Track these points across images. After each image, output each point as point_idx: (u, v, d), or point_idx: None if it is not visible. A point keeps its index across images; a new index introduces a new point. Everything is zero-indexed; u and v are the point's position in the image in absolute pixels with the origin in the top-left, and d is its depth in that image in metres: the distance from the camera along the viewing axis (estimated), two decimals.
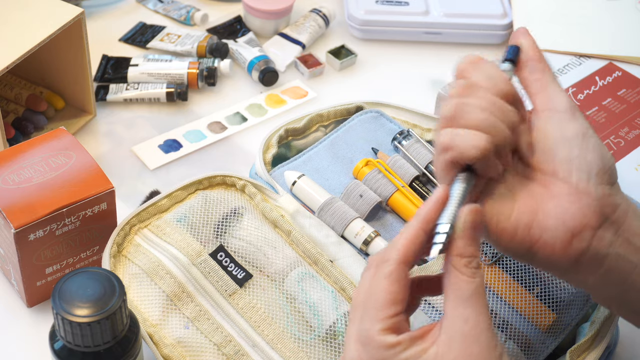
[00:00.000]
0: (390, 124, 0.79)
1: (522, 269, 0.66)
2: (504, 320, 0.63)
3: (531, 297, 0.64)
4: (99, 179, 0.67)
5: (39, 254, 0.66)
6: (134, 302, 0.64)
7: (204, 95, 0.95)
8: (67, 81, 0.88)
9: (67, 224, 0.66)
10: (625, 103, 0.97)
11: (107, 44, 1.00)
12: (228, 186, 0.73)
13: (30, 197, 0.65)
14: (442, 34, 1.05)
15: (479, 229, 0.49)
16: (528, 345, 0.62)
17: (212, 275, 0.65)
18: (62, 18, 0.79)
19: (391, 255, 0.49)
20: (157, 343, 0.62)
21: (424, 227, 0.50)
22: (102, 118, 0.91)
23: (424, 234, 0.50)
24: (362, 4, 1.04)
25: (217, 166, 0.86)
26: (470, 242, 0.49)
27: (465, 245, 0.48)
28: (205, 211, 0.69)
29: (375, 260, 0.50)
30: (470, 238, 0.49)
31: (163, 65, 0.94)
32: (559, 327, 0.64)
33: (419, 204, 0.71)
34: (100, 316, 0.53)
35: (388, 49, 1.04)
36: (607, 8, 1.09)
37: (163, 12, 1.06)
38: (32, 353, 0.68)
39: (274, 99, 0.95)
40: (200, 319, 0.63)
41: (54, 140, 0.70)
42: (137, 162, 0.86)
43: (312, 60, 0.99)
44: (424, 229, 0.50)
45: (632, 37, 1.06)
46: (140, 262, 0.66)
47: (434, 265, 0.65)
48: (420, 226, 0.50)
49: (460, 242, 0.49)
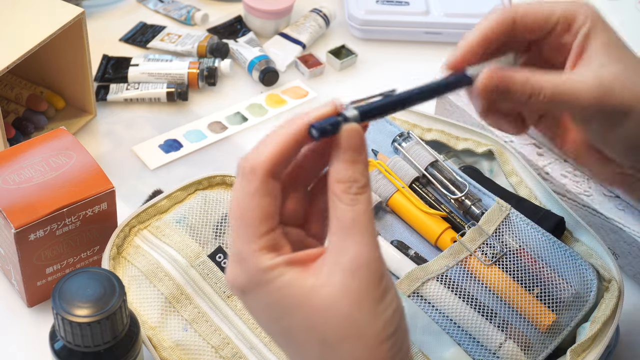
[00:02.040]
0: (390, 126, 0.79)
1: (521, 269, 0.66)
2: (503, 320, 0.63)
3: (531, 298, 0.64)
4: (99, 179, 0.67)
5: (39, 254, 0.66)
6: (133, 305, 0.64)
7: (205, 95, 0.95)
8: (67, 81, 0.88)
9: (68, 224, 0.66)
10: None
11: (108, 44, 1.00)
12: (228, 186, 0.73)
13: (31, 197, 0.65)
14: (443, 34, 1.05)
15: (358, 150, 0.44)
16: (528, 346, 0.62)
17: (211, 277, 0.65)
18: (62, 18, 0.79)
19: (258, 165, 0.43)
20: (155, 346, 0.62)
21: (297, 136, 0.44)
22: (102, 118, 0.91)
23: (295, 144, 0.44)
24: (363, 4, 1.04)
25: (218, 166, 0.86)
26: (348, 164, 0.43)
27: (344, 168, 0.43)
28: (204, 212, 0.69)
29: (242, 168, 0.44)
30: (349, 161, 0.43)
31: (163, 65, 0.94)
32: (559, 327, 0.64)
33: (419, 204, 0.71)
34: (100, 316, 0.53)
35: (388, 49, 1.04)
36: (607, 8, 1.09)
37: (163, 12, 1.06)
38: (32, 353, 0.68)
39: (275, 99, 0.95)
40: (198, 321, 0.63)
41: (55, 140, 0.70)
42: (137, 162, 0.86)
43: (313, 60, 0.99)
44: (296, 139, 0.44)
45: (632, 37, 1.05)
46: (140, 264, 0.66)
47: (434, 265, 0.66)
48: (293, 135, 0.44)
49: (337, 165, 0.44)
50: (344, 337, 0.42)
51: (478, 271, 0.65)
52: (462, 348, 0.62)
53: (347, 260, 0.42)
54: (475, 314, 0.63)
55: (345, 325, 0.42)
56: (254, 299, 0.44)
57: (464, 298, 0.64)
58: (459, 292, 0.64)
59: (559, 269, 0.66)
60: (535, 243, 0.67)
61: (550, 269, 0.66)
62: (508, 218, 0.69)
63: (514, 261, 0.66)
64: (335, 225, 0.43)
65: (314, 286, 0.42)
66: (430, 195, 0.72)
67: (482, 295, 0.64)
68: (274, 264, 0.43)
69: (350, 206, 0.43)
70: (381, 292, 0.42)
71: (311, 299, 0.42)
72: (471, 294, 0.64)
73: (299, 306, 0.42)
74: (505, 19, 0.51)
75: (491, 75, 0.50)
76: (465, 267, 0.66)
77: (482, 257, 0.66)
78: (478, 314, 0.63)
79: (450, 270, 0.65)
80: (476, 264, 0.66)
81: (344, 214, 0.43)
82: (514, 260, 0.66)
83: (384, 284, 0.42)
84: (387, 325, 0.42)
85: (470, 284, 0.65)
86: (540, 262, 0.66)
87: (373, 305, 0.42)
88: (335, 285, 0.42)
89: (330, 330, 0.42)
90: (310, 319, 0.42)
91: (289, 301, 0.43)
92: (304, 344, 0.43)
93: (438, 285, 0.64)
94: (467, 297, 0.64)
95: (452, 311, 0.63)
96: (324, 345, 0.42)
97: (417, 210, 0.71)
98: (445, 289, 0.64)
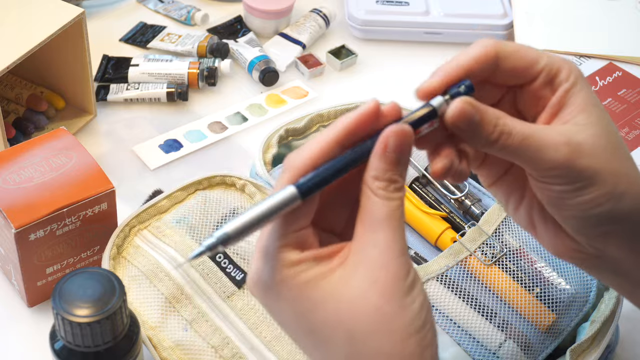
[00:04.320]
0: None
1: (521, 269, 0.66)
2: (503, 320, 0.63)
3: (531, 298, 0.64)
4: (99, 179, 0.67)
5: (39, 254, 0.66)
6: (133, 305, 0.64)
7: (205, 95, 0.95)
8: (67, 81, 0.88)
9: (68, 224, 0.66)
10: (626, 103, 0.97)
11: (108, 44, 1.00)
12: (228, 186, 0.73)
13: (31, 197, 0.65)
14: (443, 34, 1.05)
15: (404, 153, 0.43)
16: (528, 346, 0.63)
17: (211, 277, 0.65)
18: (62, 18, 0.79)
19: (294, 164, 0.43)
20: (155, 346, 0.62)
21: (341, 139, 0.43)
22: (102, 118, 0.91)
23: (338, 148, 0.43)
24: (363, 4, 1.04)
25: (218, 166, 0.86)
26: (390, 166, 0.43)
27: (385, 169, 0.43)
28: (204, 212, 0.69)
29: (284, 165, 0.44)
30: (392, 162, 0.43)
31: (163, 65, 0.94)
32: (559, 327, 0.64)
33: (419, 204, 0.71)
34: (100, 316, 0.53)
35: (388, 49, 1.04)
36: (607, 8, 1.09)
37: (163, 12, 1.06)
38: (32, 353, 0.68)
39: (275, 99, 0.95)
40: (198, 321, 0.63)
41: (55, 140, 0.70)
42: (137, 162, 0.86)
43: (313, 60, 0.99)
44: (339, 141, 0.43)
45: (633, 37, 1.05)
46: (140, 264, 0.66)
47: (434, 265, 0.66)
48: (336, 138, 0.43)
49: (378, 163, 0.43)
50: (372, 331, 0.41)
51: (478, 271, 0.65)
52: (462, 348, 0.62)
53: (378, 253, 0.42)
54: (475, 313, 0.63)
55: (374, 319, 0.41)
56: (278, 296, 0.43)
57: (463, 298, 0.64)
58: (459, 292, 0.64)
59: (559, 269, 0.66)
60: (535, 243, 0.67)
61: (550, 269, 0.66)
62: (508, 218, 0.69)
63: (514, 261, 0.66)
64: (367, 218, 0.43)
65: (341, 278, 0.42)
66: (430, 195, 0.72)
67: (482, 295, 0.64)
68: (299, 259, 0.42)
69: (387, 200, 0.42)
70: (409, 284, 0.42)
71: (339, 291, 0.42)
72: (471, 293, 0.64)
73: (326, 300, 0.42)
74: (488, 55, 0.46)
75: (470, 102, 0.44)
76: (465, 267, 0.66)
77: (482, 257, 0.66)
78: (478, 313, 0.63)
79: (450, 270, 0.65)
80: (476, 264, 0.66)
81: (379, 208, 0.42)
82: (513, 260, 0.66)
83: (411, 277, 0.42)
84: (416, 319, 0.42)
85: (470, 284, 0.65)
86: (540, 262, 0.66)
87: (401, 298, 0.41)
88: (364, 277, 0.41)
89: (358, 324, 0.41)
90: (337, 313, 0.42)
91: (315, 295, 0.42)
92: (329, 340, 0.42)
93: (438, 285, 0.64)
94: (467, 297, 0.64)
95: (452, 311, 0.63)
96: (352, 340, 0.41)
97: (417, 210, 0.71)
98: (445, 288, 0.64)
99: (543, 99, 0.48)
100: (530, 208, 0.51)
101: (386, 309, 0.41)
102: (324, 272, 0.42)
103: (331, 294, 0.42)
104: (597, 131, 0.46)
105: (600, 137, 0.46)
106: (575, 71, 0.48)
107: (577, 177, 0.45)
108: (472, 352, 0.62)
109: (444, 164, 0.46)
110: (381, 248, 0.42)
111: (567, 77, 0.47)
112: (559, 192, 0.46)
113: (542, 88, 0.48)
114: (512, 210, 0.52)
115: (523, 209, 0.51)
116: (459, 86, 0.45)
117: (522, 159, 0.46)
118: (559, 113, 0.47)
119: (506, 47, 0.47)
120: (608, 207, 0.46)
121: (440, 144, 0.46)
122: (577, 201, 0.46)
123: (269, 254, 0.43)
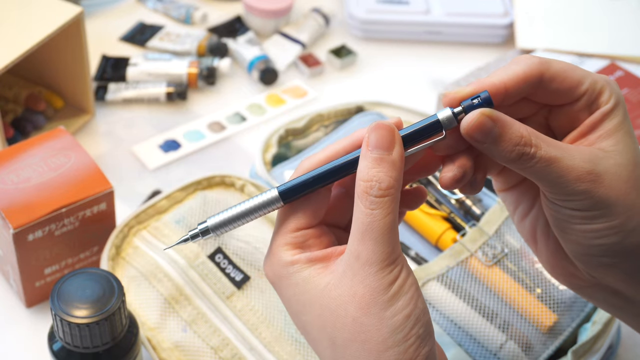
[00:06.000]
0: None
1: (522, 269, 0.66)
2: (504, 321, 0.63)
3: (532, 298, 0.64)
4: (98, 179, 0.67)
5: (37, 255, 0.66)
6: (132, 305, 0.64)
7: (204, 95, 0.95)
8: (66, 81, 0.87)
9: (66, 225, 0.66)
10: (627, 103, 0.97)
11: (107, 44, 1.00)
12: (227, 186, 0.73)
13: (29, 198, 0.65)
14: (443, 34, 1.05)
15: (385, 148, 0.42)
16: (529, 346, 0.62)
17: (210, 278, 0.65)
18: (61, 17, 0.78)
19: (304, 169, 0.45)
20: (155, 347, 0.62)
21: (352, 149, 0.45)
22: (101, 118, 0.90)
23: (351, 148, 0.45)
24: (363, 3, 1.04)
25: (217, 166, 0.86)
26: (372, 164, 0.42)
27: (367, 167, 0.42)
28: (203, 212, 0.69)
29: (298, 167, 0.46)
30: (374, 160, 0.42)
31: (162, 65, 0.93)
32: (560, 328, 0.64)
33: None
34: (99, 317, 0.53)
35: (389, 49, 1.04)
36: (609, 7, 1.09)
37: (162, 11, 1.06)
38: (30, 354, 0.68)
39: (274, 98, 0.95)
40: (197, 322, 0.63)
41: (53, 140, 0.70)
42: (136, 162, 0.86)
43: (313, 59, 0.99)
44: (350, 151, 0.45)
45: (634, 37, 1.05)
46: (139, 265, 0.66)
47: (434, 266, 0.65)
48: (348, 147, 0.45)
49: (361, 162, 0.43)
50: (350, 340, 0.42)
51: (479, 272, 0.65)
52: (463, 349, 0.62)
53: (359, 266, 0.42)
54: (476, 314, 0.63)
55: (352, 329, 0.42)
56: (279, 291, 0.45)
57: (464, 299, 0.64)
58: (460, 292, 0.64)
59: None
60: None
61: None
62: (509, 219, 0.68)
63: (515, 262, 0.66)
64: (354, 227, 0.43)
65: (328, 285, 0.43)
66: (430, 196, 0.72)
67: (483, 295, 0.64)
68: (293, 260, 0.44)
69: (369, 210, 0.42)
70: (389, 297, 0.42)
71: (324, 297, 0.43)
72: (472, 294, 0.64)
73: (312, 304, 0.43)
74: (532, 76, 0.45)
75: (489, 115, 0.42)
76: (466, 267, 0.65)
77: (482, 258, 0.66)
78: (479, 314, 0.63)
79: (451, 271, 0.65)
80: (477, 265, 0.65)
81: (362, 217, 0.42)
82: (514, 261, 0.66)
83: (394, 289, 0.42)
84: (395, 332, 0.41)
85: (471, 285, 0.65)
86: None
87: (379, 311, 0.42)
88: (345, 287, 0.42)
89: (338, 332, 0.42)
90: (322, 317, 0.43)
91: (305, 297, 0.44)
92: (318, 340, 0.44)
93: (439, 285, 0.64)
94: (468, 297, 0.64)
95: (453, 312, 0.63)
96: (334, 345, 0.43)
97: (418, 210, 0.71)
98: (446, 289, 0.64)
99: (579, 120, 0.47)
100: (536, 221, 0.50)
101: (363, 320, 0.42)
102: (314, 276, 0.44)
103: (317, 300, 0.43)
104: (622, 161, 0.45)
105: (623, 167, 0.45)
106: (617, 94, 0.46)
107: (591, 205, 0.44)
108: (473, 353, 0.62)
109: (454, 174, 0.45)
110: (362, 261, 0.42)
111: (608, 100, 0.46)
112: (568, 216, 0.45)
113: (581, 110, 0.46)
114: (518, 219, 0.52)
115: (528, 221, 0.51)
116: (475, 98, 0.44)
117: (541, 182, 0.45)
118: (589, 134, 0.46)
119: (551, 69, 0.45)
120: (615, 240, 0.45)
121: (457, 153, 0.45)
122: (584, 228, 0.45)
123: (271, 251, 0.45)
